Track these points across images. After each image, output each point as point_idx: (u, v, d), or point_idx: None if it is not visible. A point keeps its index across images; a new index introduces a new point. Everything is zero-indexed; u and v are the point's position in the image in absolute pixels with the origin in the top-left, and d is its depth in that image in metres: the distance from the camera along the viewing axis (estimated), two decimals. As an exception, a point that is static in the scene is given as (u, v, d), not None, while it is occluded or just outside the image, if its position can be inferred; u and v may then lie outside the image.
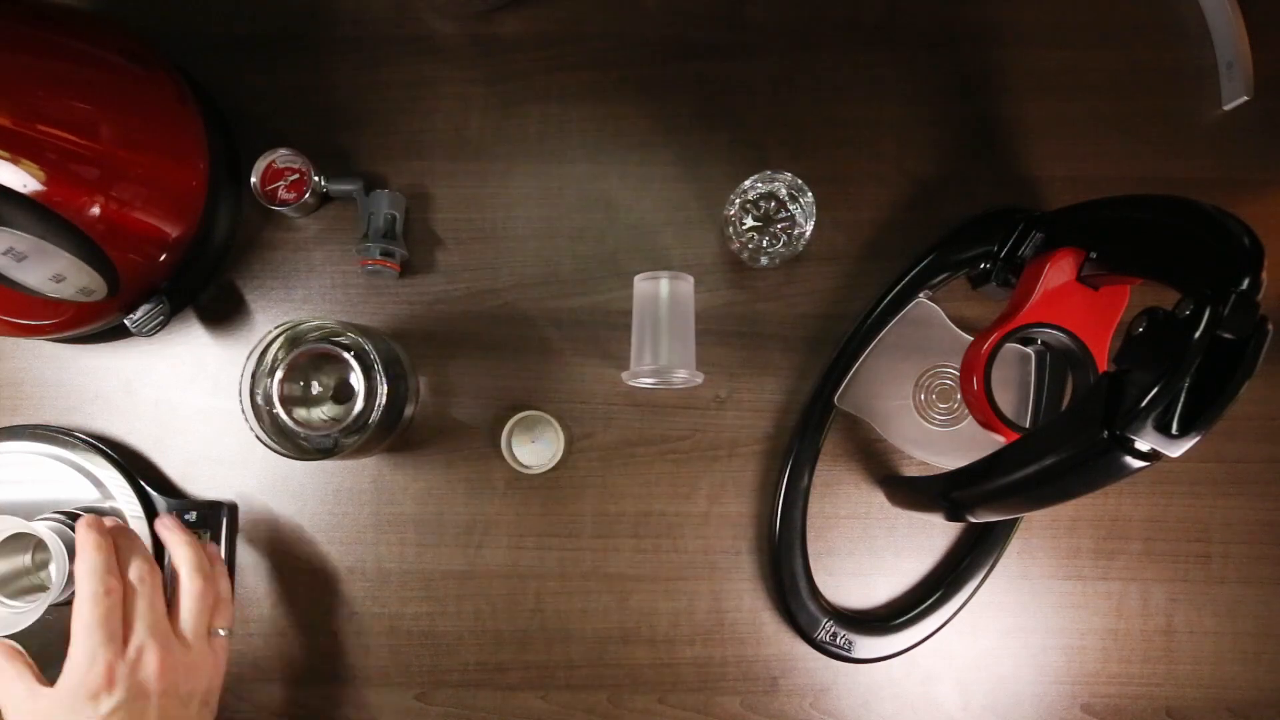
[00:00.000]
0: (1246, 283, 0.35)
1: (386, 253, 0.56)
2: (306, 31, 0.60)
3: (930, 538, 0.58)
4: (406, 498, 0.58)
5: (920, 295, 0.56)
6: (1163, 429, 0.35)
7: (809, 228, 0.54)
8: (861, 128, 0.59)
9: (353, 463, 0.58)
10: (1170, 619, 0.57)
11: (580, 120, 0.60)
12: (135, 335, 0.53)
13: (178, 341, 0.59)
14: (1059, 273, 0.47)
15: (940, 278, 0.56)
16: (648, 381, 0.55)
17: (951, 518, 0.46)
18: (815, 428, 0.56)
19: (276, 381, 0.51)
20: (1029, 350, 0.54)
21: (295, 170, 0.57)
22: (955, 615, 0.56)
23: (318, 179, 0.57)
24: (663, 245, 0.59)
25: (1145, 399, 0.35)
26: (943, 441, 0.56)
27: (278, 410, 0.51)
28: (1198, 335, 0.35)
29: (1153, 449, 0.35)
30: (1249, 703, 0.57)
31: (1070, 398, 0.54)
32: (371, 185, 0.57)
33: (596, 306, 0.58)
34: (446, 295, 0.59)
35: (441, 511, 0.58)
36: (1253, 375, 0.35)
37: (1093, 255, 0.46)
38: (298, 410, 0.52)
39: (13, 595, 0.49)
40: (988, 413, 0.48)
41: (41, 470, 0.55)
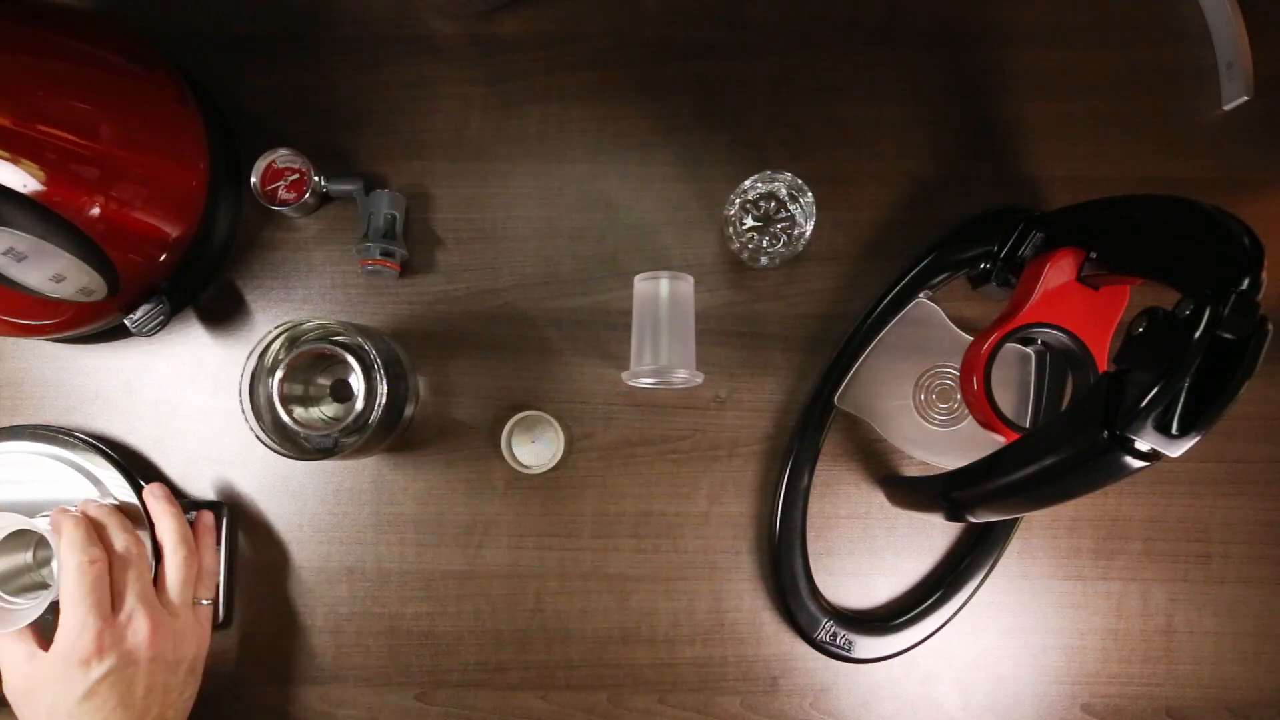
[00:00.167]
0: (1246, 283, 0.35)
1: (386, 253, 0.56)
2: (306, 31, 0.60)
3: (930, 538, 0.58)
4: (406, 498, 0.58)
5: (920, 295, 0.56)
6: (1163, 429, 0.35)
7: (809, 228, 0.54)
8: (861, 128, 0.59)
9: (353, 463, 0.58)
10: (1170, 619, 0.57)
11: (580, 120, 0.60)
12: (135, 335, 0.53)
13: (178, 341, 0.59)
14: (1059, 273, 0.47)
15: (940, 278, 0.56)
16: (648, 381, 0.55)
17: (951, 518, 0.46)
18: (815, 428, 0.56)
19: (276, 381, 0.51)
20: (1029, 350, 0.54)
21: (295, 170, 0.57)
22: (955, 615, 0.56)
23: (318, 179, 0.57)
24: (663, 245, 0.59)
25: (1145, 399, 0.35)
26: (943, 441, 0.56)
27: (278, 410, 0.51)
28: (1198, 335, 0.35)
29: (1153, 449, 0.35)
30: (1249, 703, 0.57)
31: (1070, 398, 0.54)
32: (371, 185, 0.57)
33: (596, 306, 0.58)
34: (446, 295, 0.59)
35: (441, 511, 0.58)
36: (1253, 375, 0.35)
37: (1093, 255, 0.46)
38: (298, 410, 0.52)
39: (15, 592, 0.50)
40: (988, 413, 0.48)
41: (41, 470, 0.55)
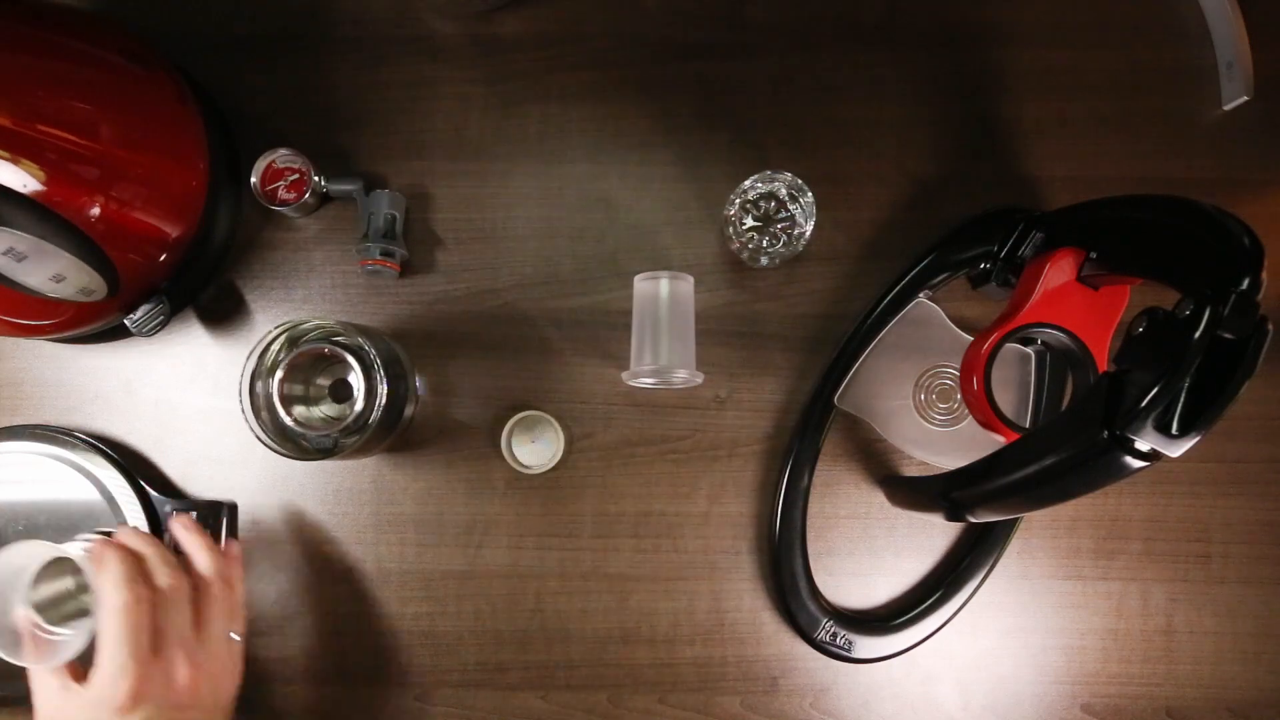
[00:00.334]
0: (1246, 283, 0.35)
1: (386, 253, 0.56)
2: (306, 31, 0.60)
3: (930, 538, 0.58)
4: (406, 498, 0.58)
5: (920, 295, 0.56)
6: (1163, 429, 0.35)
7: (809, 228, 0.54)
8: (861, 128, 0.59)
9: (353, 463, 0.58)
10: (1170, 619, 0.57)
11: (580, 120, 0.60)
12: (135, 335, 0.53)
13: (178, 341, 0.59)
14: (1059, 273, 0.47)
15: (940, 278, 0.56)
16: (648, 381, 0.55)
17: (951, 518, 0.46)
18: (815, 428, 0.56)
19: (276, 381, 0.51)
20: (1029, 350, 0.54)
21: (295, 170, 0.57)
22: (955, 615, 0.56)
23: (318, 179, 0.57)
24: (663, 245, 0.59)
25: (1145, 399, 0.35)
26: (943, 441, 0.56)
27: (278, 410, 0.51)
28: (1198, 335, 0.35)
29: (1153, 449, 0.35)
30: (1249, 703, 0.57)
31: (1070, 398, 0.54)
32: (371, 185, 0.57)
33: (596, 306, 0.58)
34: (446, 295, 0.59)
35: (441, 511, 0.58)
36: (1253, 375, 0.35)
37: (1093, 255, 0.46)
38: (298, 410, 0.52)
39: (57, 620, 0.46)
40: (988, 413, 0.47)
41: (41, 470, 0.55)
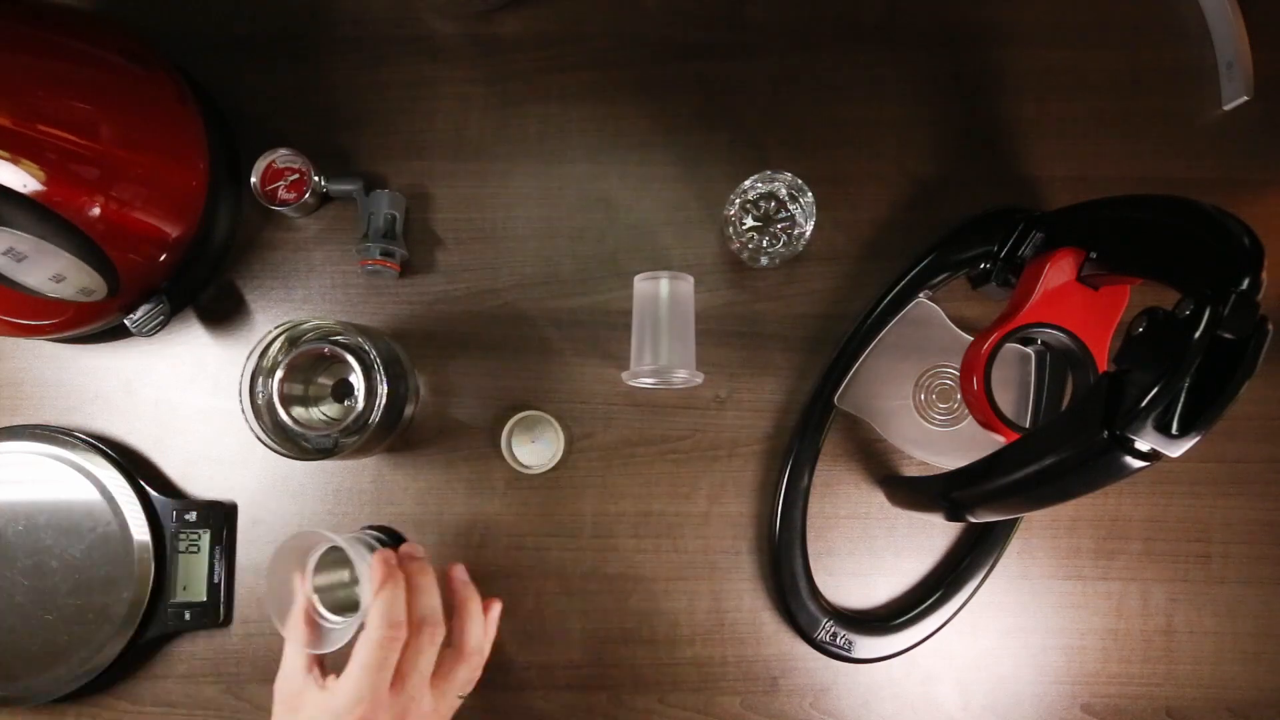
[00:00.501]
0: (1246, 283, 0.35)
1: (386, 253, 0.56)
2: (306, 31, 0.60)
3: (930, 538, 0.58)
4: (406, 498, 0.58)
5: (920, 295, 0.56)
6: (1163, 429, 0.35)
7: (809, 228, 0.54)
8: (861, 128, 0.59)
9: (353, 463, 0.58)
10: (1170, 619, 0.57)
11: (580, 120, 0.59)
12: (135, 335, 0.53)
13: (178, 341, 0.59)
14: (1059, 273, 0.47)
15: (940, 278, 0.56)
16: (648, 381, 0.55)
17: (951, 518, 0.46)
18: (815, 428, 0.56)
19: (276, 381, 0.51)
20: (1029, 350, 0.54)
21: (295, 170, 0.57)
22: (955, 615, 0.56)
23: (318, 179, 0.57)
24: (663, 245, 0.59)
25: (1145, 399, 0.35)
26: (943, 441, 0.56)
27: (278, 410, 0.51)
28: (1198, 335, 0.35)
29: (1153, 449, 0.35)
30: (1249, 703, 0.57)
31: (1070, 398, 0.54)
32: (371, 185, 0.57)
33: (596, 306, 0.58)
34: (446, 295, 0.59)
35: (441, 511, 0.58)
36: (1253, 375, 0.35)
37: (1093, 255, 0.46)
38: (298, 410, 0.52)
39: (328, 604, 0.48)
40: (988, 413, 0.47)
41: (41, 470, 0.55)
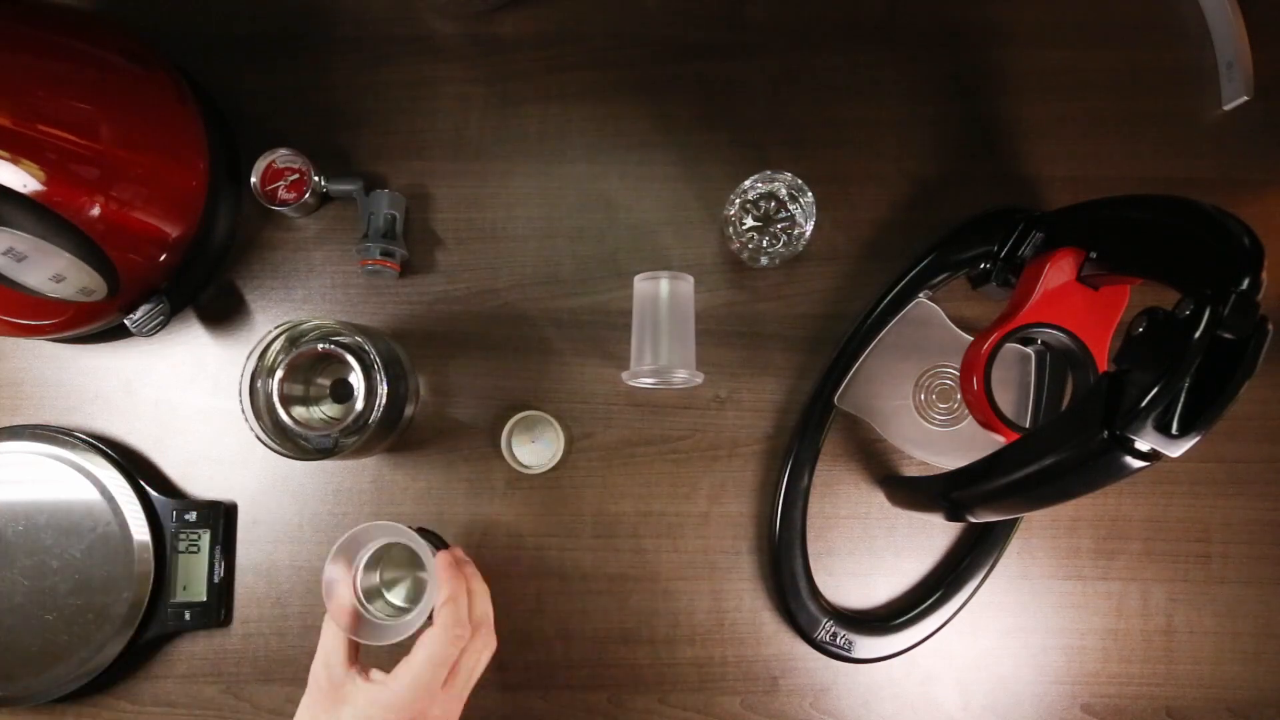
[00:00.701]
0: (1246, 283, 0.35)
1: (386, 253, 0.56)
2: (306, 31, 0.60)
3: (930, 538, 0.58)
4: (406, 498, 0.58)
5: (920, 295, 0.56)
6: (1163, 429, 0.35)
7: (809, 228, 0.54)
8: (861, 128, 0.59)
9: (353, 463, 0.58)
10: (1170, 619, 0.57)
11: (580, 120, 0.59)
12: (135, 335, 0.53)
13: (178, 341, 0.59)
14: (1059, 273, 0.47)
15: (940, 278, 0.56)
16: (648, 381, 0.55)
17: (951, 518, 0.46)
18: (815, 428, 0.56)
19: (276, 381, 0.51)
20: (1029, 350, 0.54)
21: (295, 170, 0.57)
22: (955, 615, 0.56)
23: (318, 179, 0.57)
24: (663, 245, 0.59)
25: (1145, 399, 0.35)
26: (943, 441, 0.56)
27: (278, 410, 0.51)
28: (1198, 335, 0.35)
29: (1153, 449, 0.35)
30: (1249, 703, 0.57)
31: (1070, 398, 0.54)
32: (371, 185, 0.57)
33: (596, 306, 0.58)
34: (446, 295, 0.59)
35: (441, 511, 0.58)
36: (1253, 375, 0.35)
37: (1093, 255, 0.46)
38: (298, 410, 0.52)
39: (389, 586, 0.50)
40: (988, 413, 0.47)
41: (41, 470, 0.55)
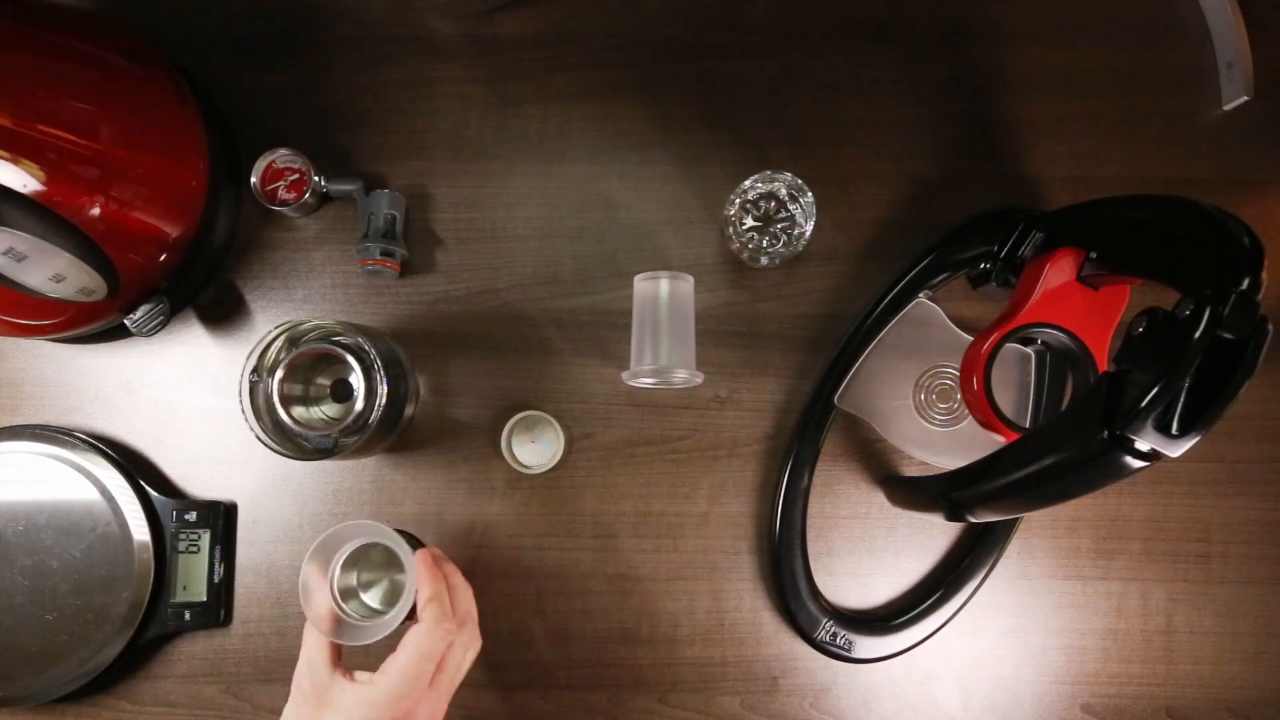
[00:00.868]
0: (1246, 283, 0.35)
1: (386, 253, 0.56)
2: (306, 31, 0.60)
3: (930, 538, 0.58)
4: (406, 498, 0.58)
5: (920, 295, 0.56)
6: (1163, 429, 0.35)
7: (809, 228, 0.54)
8: (861, 128, 0.59)
9: (353, 463, 0.58)
10: (1170, 619, 0.57)
11: (580, 120, 0.59)
12: (135, 335, 0.53)
13: (178, 341, 0.59)
14: (1059, 273, 0.47)
15: (940, 278, 0.55)
16: (648, 381, 0.55)
17: (951, 518, 0.46)
18: (815, 428, 0.56)
19: (276, 381, 0.51)
20: (1029, 350, 0.54)
21: (295, 170, 0.57)
22: (955, 615, 0.56)
23: (318, 179, 0.57)
24: (663, 245, 0.59)
25: (1145, 399, 0.35)
26: (943, 441, 0.56)
27: (278, 410, 0.51)
28: (1198, 335, 0.35)
29: (1153, 449, 0.35)
30: (1249, 703, 0.57)
31: (1070, 398, 0.54)
32: (371, 185, 0.57)
33: (596, 306, 0.58)
34: (446, 295, 0.59)
35: (441, 511, 0.58)
36: (1253, 375, 0.35)
37: (1093, 255, 0.46)
38: (298, 410, 0.52)
39: (365, 586, 0.50)
40: (988, 413, 0.47)
41: (41, 470, 0.55)
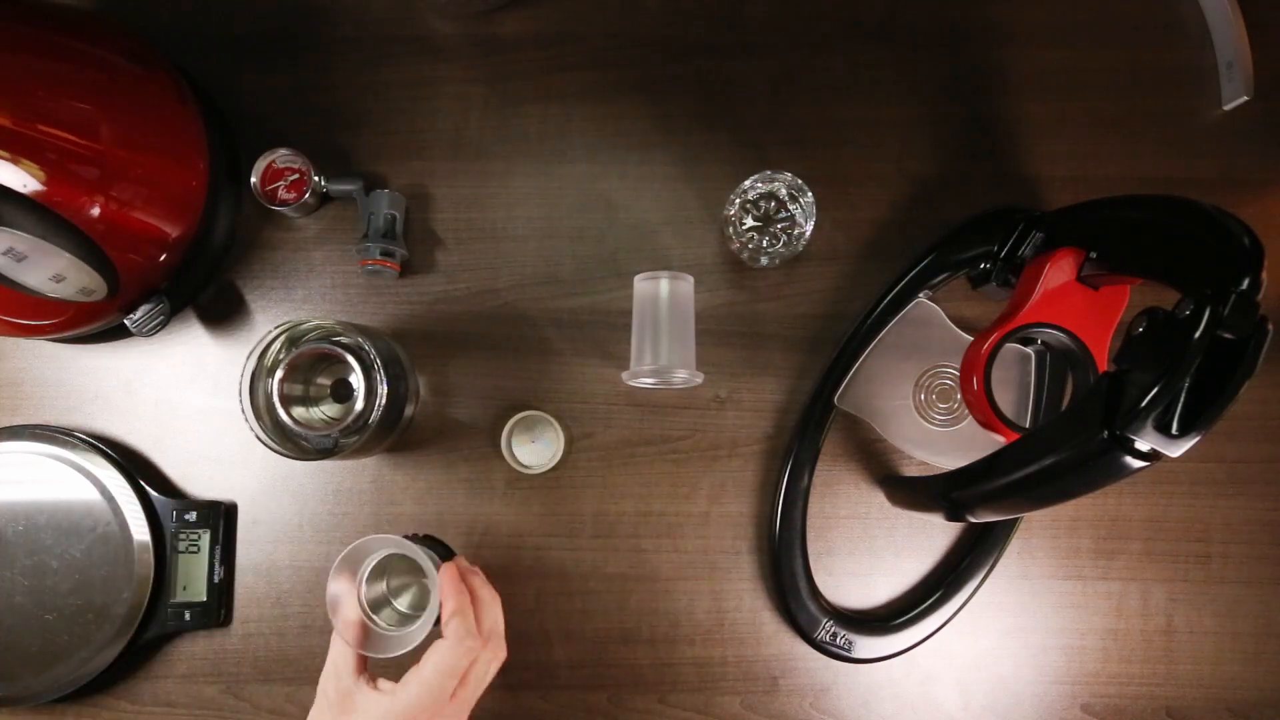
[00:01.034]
0: (1246, 283, 0.35)
1: (386, 253, 0.56)
2: (306, 31, 0.60)
3: (930, 538, 0.58)
4: (406, 498, 0.58)
5: (920, 295, 0.56)
6: (1163, 429, 0.35)
7: (809, 228, 0.54)
8: (861, 128, 0.59)
9: (353, 463, 0.58)
10: (1170, 619, 0.57)
11: (580, 120, 0.59)
12: (135, 335, 0.53)
13: (178, 341, 0.59)
14: (1059, 273, 0.47)
15: (940, 278, 0.55)
16: (648, 381, 0.55)
17: (951, 518, 0.46)
18: (815, 428, 0.56)
19: (276, 381, 0.51)
20: (1029, 350, 0.54)
21: (295, 170, 0.57)
22: (955, 615, 0.56)
23: (318, 179, 0.57)
24: (663, 245, 0.59)
25: (1145, 399, 0.35)
26: (943, 441, 0.56)
27: (278, 410, 0.51)
28: (1198, 335, 0.35)
29: (1153, 449, 0.35)
30: (1249, 703, 0.57)
31: (1070, 398, 0.54)
32: (371, 185, 0.57)
33: (596, 306, 0.58)
34: (446, 295, 0.59)
35: (441, 511, 0.58)
36: (1253, 375, 0.35)
37: (1093, 255, 0.46)
38: (298, 410, 0.52)
39: (395, 593, 0.49)
40: (988, 413, 0.47)
41: (41, 470, 0.55)
